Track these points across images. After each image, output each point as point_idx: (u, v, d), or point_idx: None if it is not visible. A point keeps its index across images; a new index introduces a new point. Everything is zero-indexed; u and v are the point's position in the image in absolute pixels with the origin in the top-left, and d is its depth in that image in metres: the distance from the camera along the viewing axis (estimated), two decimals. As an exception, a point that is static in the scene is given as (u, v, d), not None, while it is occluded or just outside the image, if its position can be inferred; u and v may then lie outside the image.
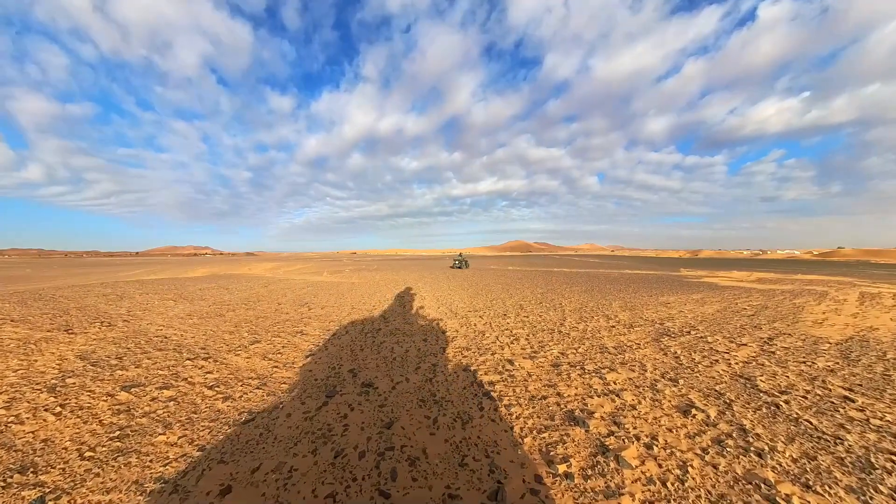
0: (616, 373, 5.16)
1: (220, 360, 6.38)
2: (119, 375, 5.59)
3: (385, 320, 9.33)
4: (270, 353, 6.66)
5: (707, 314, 10.48)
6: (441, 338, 7.33)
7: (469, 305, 11.80)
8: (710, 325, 8.81)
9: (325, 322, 9.30)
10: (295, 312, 10.93)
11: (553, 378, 4.94)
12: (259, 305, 12.36)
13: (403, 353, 6.32)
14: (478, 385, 4.71)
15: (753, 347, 6.86)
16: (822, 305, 12.52)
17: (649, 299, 13.48)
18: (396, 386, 4.82)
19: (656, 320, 9.38)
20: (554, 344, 6.82)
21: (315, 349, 6.82)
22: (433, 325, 8.68)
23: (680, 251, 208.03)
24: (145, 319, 9.86)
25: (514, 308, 11.22)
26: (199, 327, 8.97)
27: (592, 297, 14.13)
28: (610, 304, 12.03)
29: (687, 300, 13.37)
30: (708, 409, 4.13)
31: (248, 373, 5.69)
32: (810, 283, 21.05)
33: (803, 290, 17.12)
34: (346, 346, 6.90)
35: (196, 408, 4.48)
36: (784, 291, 16.48)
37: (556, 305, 11.80)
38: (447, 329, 8.15)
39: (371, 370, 5.49)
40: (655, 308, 11.40)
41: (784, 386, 4.93)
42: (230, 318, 10.18)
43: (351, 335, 7.79)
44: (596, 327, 8.35)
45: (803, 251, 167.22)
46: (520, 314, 10.09)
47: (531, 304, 12.17)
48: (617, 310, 10.97)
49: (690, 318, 9.84)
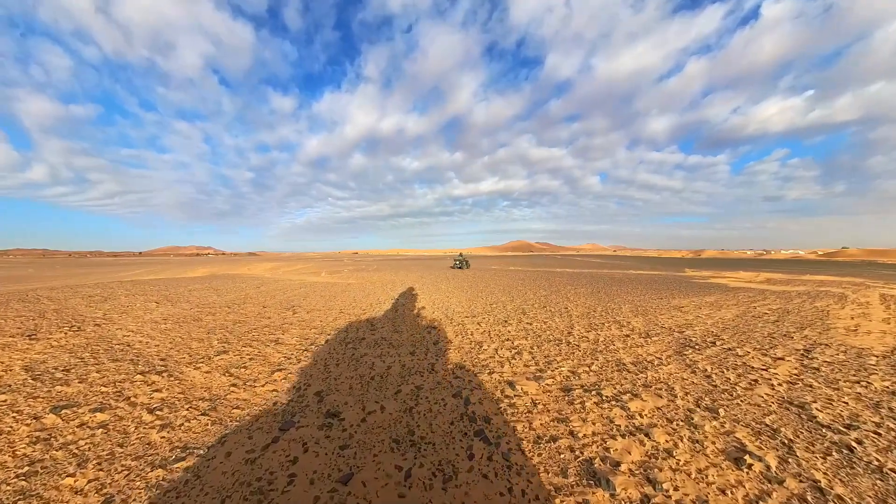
0: (640, 400, 4.21)
1: (175, 374, 5.55)
2: (57, 392, 4.86)
3: (372, 327, 8.42)
4: (234, 367, 5.80)
5: (727, 320, 9.54)
6: (431, 351, 6.41)
7: (467, 310, 10.88)
8: (734, 334, 7.87)
9: (307, 329, 8.41)
10: (278, 317, 10.06)
11: (564, 408, 3.98)
12: (243, 308, 11.51)
13: (385, 369, 5.40)
14: (469, 419, 3.76)
15: (792, 362, 5.93)
16: (846, 309, 11.57)
17: (661, 302, 12.54)
18: (368, 417, 3.89)
19: (674, 328, 8.44)
20: (562, 359, 5.87)
21: (285, 362, 5.93)
22: (425, 333, 7.76)
23: (682, 251, 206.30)
24: (117, 324, 9.08)
25: (515, 313, 10.29)
26: (170, 333, 8.14)
27: (599, 300, 13.19)
28: (620, 309, 11.09)
29: (701, 304, 12.43)
30: (765, 454, 3.21)
31: (202, 392, 4.84)
32: (822, 283, 20.07)
33: (819, 291, 16.15)
34: (320, 360, 6.00)
35: (125, 439, 3.68)
36: (800, 293, 15.51)
37: (562, 310, 10.86)
38: (440, 339, 7.22)
39: (342, 393, 4.57)
40: (670, 313, 10.46)
41: (847, 417, 4.00)
42: (207, 322, 9.34)
43: (330, 345, 6.88)
44: (608, 337, 7.41)
45: (808, 251, 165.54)
46: (522, 320, 9.15)
47: (534, 308, 11.24)
48: (628, 315, 10.03)
49: (710, 324, 8.90)
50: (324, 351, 6.51)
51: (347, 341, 7.09)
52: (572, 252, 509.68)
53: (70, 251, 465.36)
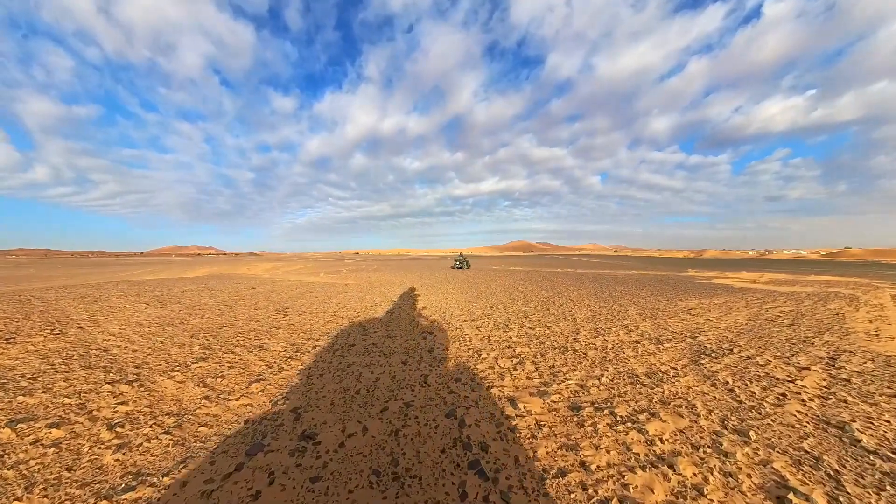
0: (659, 420, 3.70)
1: (147, 383, 5.12)
2: (18, 403, 4.50)
3: (364, 332, 7.94)
4: (210, 377, 5.35)
5: (739, 324, 9.05)
6: (425, 360, 5.92)
7: (466, 313, 10.40)
8: (750, 340, 7.38)
9: (295, 333, 7.95)
10: (268, 320, 9.60)
11: (573, 432, 3.46)
12: (233, 310, 11.07)
13: (372, 382, 4.91)
14: (463, 445, 3.25)
15: (819, 372, 5.44)
16: (860, 312, 11.08)
17: (668, 305, 12.05)
18: (348, 440, 3.40)
19: (685, 332, 7.95)
20: (569, 370, 5.36)
21: (266, 372, 5.46)
22: (420, 339, 7.28)
23: (684, 251, 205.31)
24: (101, 327, 8.69)
25: (517, 316, 9.80)
26: (152, 337, 7.72)
27: (604, 301, 12.70)
28: (626, 312, 10.59)
29: (710, 306, 11.93)
30: (811, 491, 2.72)
31: (170, 405, 4.40)
32: (829, 284, 19.55)
33: (828, 293, 15.63)
34: (304, 369, 5.53)
35: (76, 461, 3.29)
36: (809, 295, 15.00)
37: (566, 313, 10.37)
38: (435, 346, 6.73)
39: (322, 409, 4.09)
40: (679, 316, 9.97)
41: (894, 439, 3.51)
42: (193, 325, 8.91)
43: (317, 353, 6.41)
44: (617, 343, 6.91)
45: (810, 251, 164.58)
46: (524, 325, 8.66)
47: (537, 311, 10.75)
48: (636, 318, 9.54)
49: (723, 329, 8.41)
50: (309, 359, 6.03)
51: (336, 348, 6.61)
52: (573, 252, 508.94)
53: (72, 251, 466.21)
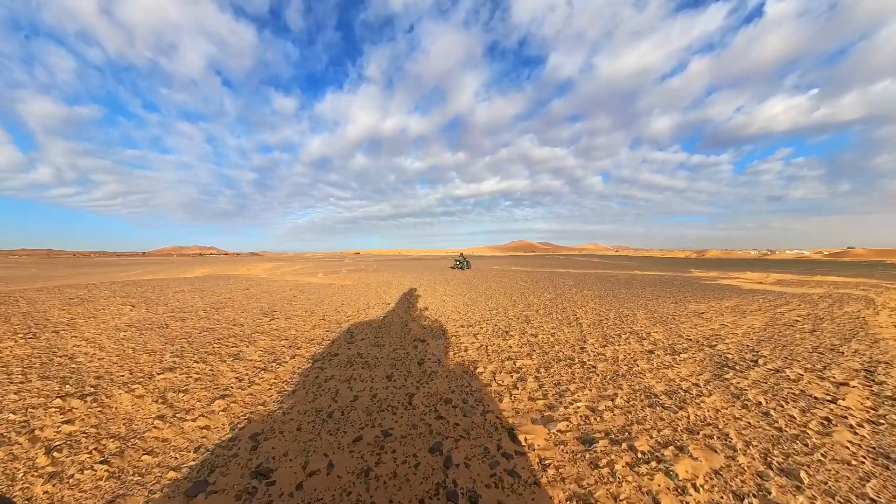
0: (689, 457, 3.04)
1: (102, 398, 4.57)
2: None
3: (351, 339, 7.32)
4: (173, 390, 4.76)
5: (757, 329, 8.41)
6: (413, 374, 5.26)
7: (463, 317, 9.77)
8: (773, 348, 6.74)
9: (277, 340, 7.34)
10: (252, 323, 9.01)
11: (585, 474, 2.79)
12: (219, 313, 10.48)
13: (349, 401, 4.27)
14: (448, 495, 2.57)
15: (859, 389, 4.80)
16: (881, 316, 10.43)
17: (677, 307, 11.40)
18: (308, 480, 2.76)
19: (701, 340, 7.30)
20: (577, 388, 4.69)
21: (234, 386, 4.85)
22: (410, 349, 6.63)
23: (686, 251, 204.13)
24: (77, 331, 8.17)
25: (518, 321, 9.16)
26: (125, 343, 7.18)
27: (610, 304, 12.05)
28: (634, 315, 9.95)
29: (721, 309, 11.28)
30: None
31: (119, 426, 3.85)
32: (837, 285, 18.85)
33: (840, 294, 14.95)
34: (277, 384, 4.91)
35: (10, 488, 2.89)
36: (822, 296, 14.33)
37: (570, 317, 9.71)
38: (427, 357, 6.08)
39: (285, 437, 3.46)
40: (691, 321, 9.32)
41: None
42: (172, 330, 8.35)
43: (296, 363, 5.79)
44: (629, 353, 6.26)
45: (813, 251, 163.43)
46: (525, 331, 8.00)
47: (539, 314, 10.10)
48: (645, 323, 8.89)
49: (741, 335, 7.77)
50: (285, 371, 5.41)
51: (317, 358, 5.98)
52: (574, 252, 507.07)
53: (74, 251, 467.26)
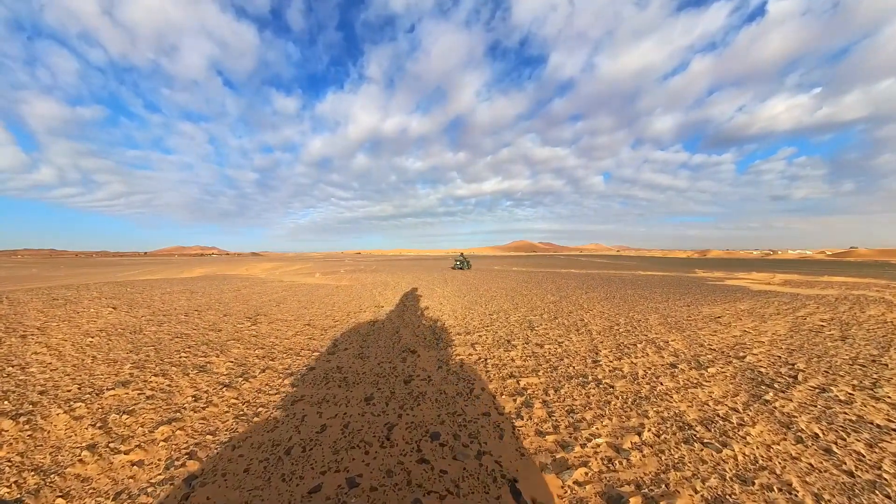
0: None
1: (36, 419, 3.94)
2: None
3: (333, 349, 6.57)
4: (118, 411, 4.08)
5: (782, 336, 7.67)
6: (397, 395, 4.46)
7: (461, 323, 9.02)
8: (809, 360, 5.99)
9: (253, 348, 6.62)
10: (231, 329, 8.31)
11: None
12: (201, 316, 9.79)
13: (315, 433, 3.50)
14: None
15: (925, 412, 4.05)
16: (910, 320, 9.66)
17: (691, 311, 10.64)
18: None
19: (726, 350, 6.56)
20: (595, 415, 3.88)
21: (187, 407, 4.13)
22: (398, 362, 5.85)
23: (687, 251, 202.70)
24: (45, 336, 7.48)
25: (520, 327, 8.40)
26: (88, 351, 6.55)
27: (618, 307, 11.29)
28: (647, 321, 9.19)
29: (737, 312, 10.52)
30: None
31: (42, 456, 3.25)
32: (850, 286, 18.06)
33: (856, 296, 14.15)
34: (236, 405, 4.18)
35: None
36: (838, 298, 13.55)
37: (578, 322, 8.95)
38: (415, 374, 5.28)
39: (228, 482, 2.73)
40: (709, 326, 8.58)
41: None
42: (144, 335, 7.71)
43: (266, 377, 5.06)
44: (649, 368, 5.48)
45: (816, 251, 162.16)
46: (529, 340, 7.24)
47: (543, 319, 9.34)
48: (661, 330, 8.14)
49: (768, 344, 7.03)
50: (250, 389, 4.68)
51: (290, 372, 5.23)
52: (576, 252, 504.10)
53: (77, 251, 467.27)
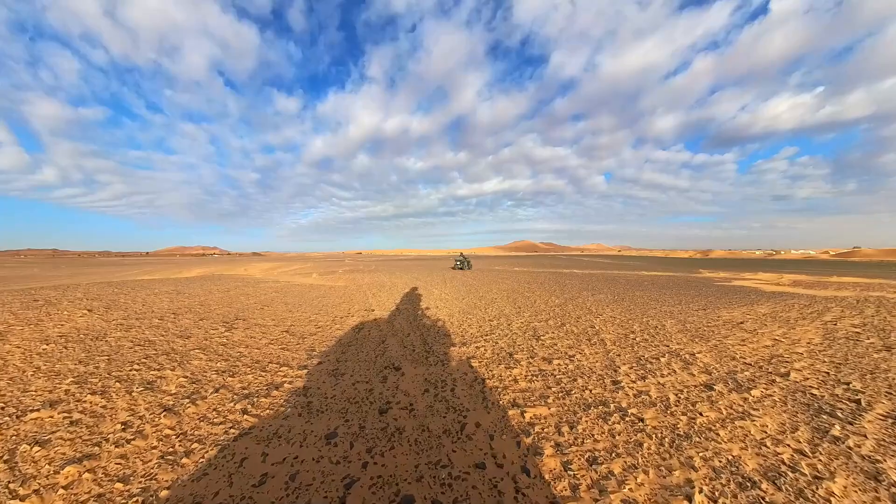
0: None
1: None
2: None
3: (305, 363, 5.66)
4: (33, 440, 3.31)
5: (820, 346, 6.80)
6: (367, 431, 3.50)
7: (457, 330, 8.14)
8: (861, 376, 5.10)
9: (216, 360, 5.77)
10: (202, 335, 7.49)
11: None
12: (176, 320, 9.00)
13: (249, 487, 2.60)
14: None
15: None
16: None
17: (708, 315, 9.76)
18: None
19: (763, 364, 5.67)
20: (625, 467, 2.89)
21: (110, 439, 3.27)
22: (377, 383, 4.91)
23: (689, 251, 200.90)
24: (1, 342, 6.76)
25: (524, 337, 7.50)
26: (35, 361, 5.88)
27: (629, 311, 10.39)
28: (663, 327, 8.31)
29: (758, 317, 9.64)
30: None
31: None
32: (863, 287, 17.17)
33: (877, 298, 13.23)
34: (168, 439, 3.31)
35: None
36: (858, 300, 12.66)
37: (588, 330, 8.05)
38: (395, 398, 4.33)
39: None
40: (733, 334, 7.70)
41: None
42: (106, 342, 7.04)
43: (217, 400, 4.18)
44: (680, 390, 4.55)
45: (819, 251, 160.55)
46: (535, 353, 6.32)
47: (550, 326, 8.44)
48: (682, 338, 7.26)
49: (808, 356, 6.15)
50: (192, 415, 3.80)
51: (248, 393, 4.36)
52: (577, 252, 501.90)
53: (79, 251, 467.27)
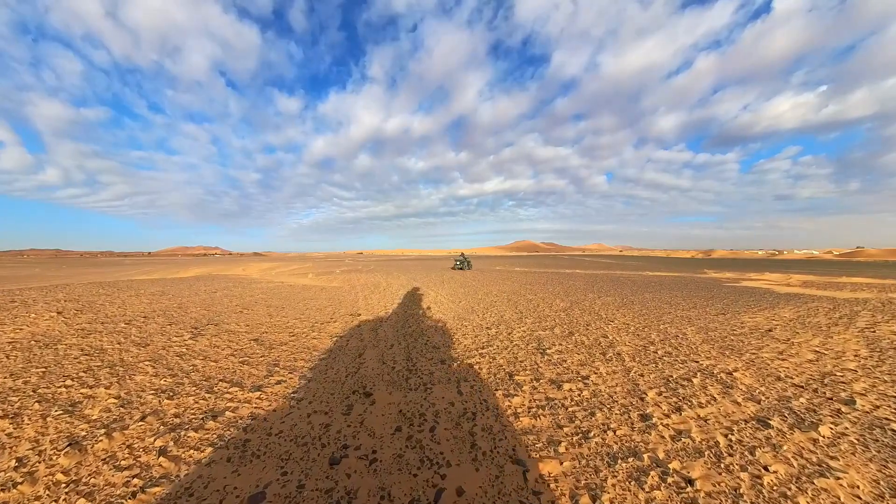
0: None
1: None
2: None
3: (260, 383, 4.76)
4: None
5: (870, 360, 5.87)
6: (305, 496, 2.62)
7: (449, 341, 7.20)
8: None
9: (163, 376, 4.86)
10: (162, 343, 6.63)
11: None
12: (144, 325, 8.24)
13: None
14: None
15: None
16: None
17: (729, 321, 8.81)
18: None
19: (815, 385, 4.74)
20: None
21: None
22: (338, 416, 3.93)
23: (691, 251, 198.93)
24: None
25: (527, 350, 6.53)
26: None
27: (643, 317, 9.44)
28: (685, 336, 7.37)
29: (784, 322, 8.70)
30: None
31: None
32: (878, 288, 16.24)
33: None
34: (49, 492, 2.45)
35: None
36: (884, 303, 11.72)
37: (601, 341, 7.07)
38: (356, 442, 3.37)
39: None
40: (766, 344, 6.76)
41: None
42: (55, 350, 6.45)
43: (137, 431, 3.28)
44: (729, 428, 3.58)
45: (822, 251, 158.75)
46: (541, 373, 5.33)
47: (556, 336, 7.48)
48: (709, 350, 6.33)
49: (862, 372, 5.22)
50: (97, 454, 2.91)
51: (175, 424, 3.45)
52: (578, 252, 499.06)
53: (82, 251, 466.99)
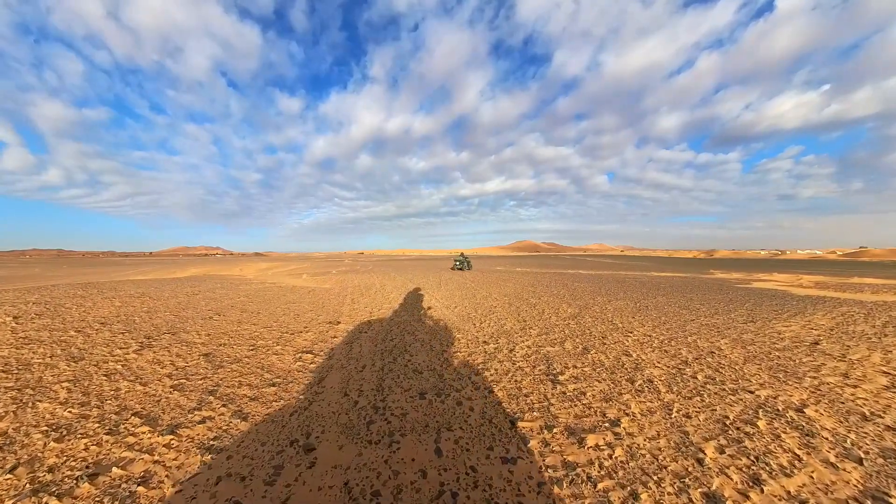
0: None
1: None
2: None
3: (185, 418, 3.68)
4: None
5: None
6: None
7: (436, 363, 6.10)
8: None
9: (70, 406, 3.75)
10: (100, 357, 5.54)
11: None
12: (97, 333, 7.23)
13: None
14: None
15: None
16: None
17: (762, 331, 7.67)
18: None
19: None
20: None
21: None
22: (249, 496, 2.99)
23: (693, 251, 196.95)
24: None
25: (533, 375, 5.37)
26: None
27: (664, 324, 8.28)
28: (720, 351, 6.23)
29: (827, 333, 7.57)
30: None
31: None
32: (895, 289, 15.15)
33: None
34: None
35: None
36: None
37: (623, 358, 5.91)
38: None
39: None
40: (822, 363, 5.61)
41: None
42: None
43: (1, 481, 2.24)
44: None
45: (825, 251, 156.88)
46: (554, 417, 4.08)
47: (568, 353, 6.27)
48: (757, 373, 5.18)
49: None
50: None
51: (43, 485, 2.32)
52: (580, 252, 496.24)
53: (84, 251, 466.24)
